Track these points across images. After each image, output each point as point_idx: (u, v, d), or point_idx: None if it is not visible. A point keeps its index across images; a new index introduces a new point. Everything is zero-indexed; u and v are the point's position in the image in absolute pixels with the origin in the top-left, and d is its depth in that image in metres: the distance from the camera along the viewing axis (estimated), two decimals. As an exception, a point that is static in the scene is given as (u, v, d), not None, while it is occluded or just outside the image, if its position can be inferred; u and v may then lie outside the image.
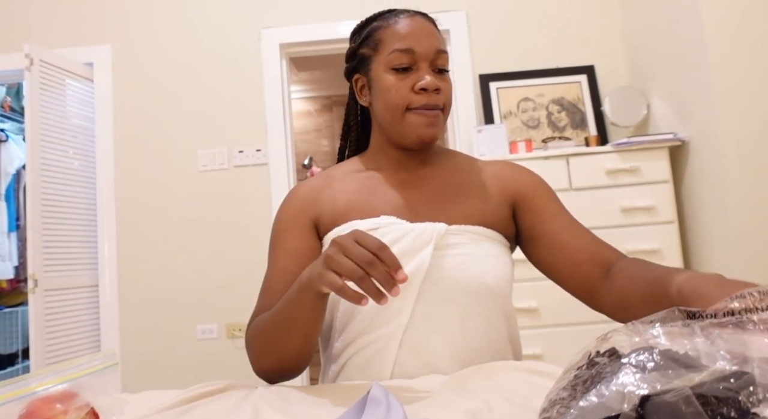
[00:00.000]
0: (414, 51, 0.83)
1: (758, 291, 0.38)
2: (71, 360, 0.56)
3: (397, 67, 0.84)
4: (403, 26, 0.85)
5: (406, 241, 0.79)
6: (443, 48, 0.86)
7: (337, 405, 0.60)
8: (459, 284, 0.79)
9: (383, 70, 0.86)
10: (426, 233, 0.80)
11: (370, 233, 0.76)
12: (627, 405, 0.28)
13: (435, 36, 0.86)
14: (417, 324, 0.78)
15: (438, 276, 0.79)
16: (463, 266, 0.80)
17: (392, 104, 0.85)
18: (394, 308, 0.78)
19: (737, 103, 1.93)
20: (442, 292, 0.79)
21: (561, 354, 2.09)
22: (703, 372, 0.29)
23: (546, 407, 0.36)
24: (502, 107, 2.63)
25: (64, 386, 0.51)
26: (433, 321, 0.78)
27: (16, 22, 2.84)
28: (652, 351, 0.31)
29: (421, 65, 0.84)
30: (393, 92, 0.84)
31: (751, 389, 0.27)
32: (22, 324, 3.75)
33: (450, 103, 0.87)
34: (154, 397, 0.67)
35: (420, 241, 0.79)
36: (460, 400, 0.58)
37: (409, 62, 0.84)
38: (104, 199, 2.73)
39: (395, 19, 0.87)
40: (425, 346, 0.77)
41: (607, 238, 2.13)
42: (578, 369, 0.36)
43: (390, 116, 0.86)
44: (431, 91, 0.83)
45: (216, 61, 2.78)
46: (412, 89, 0.84)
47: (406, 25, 0.86)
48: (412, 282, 0.77)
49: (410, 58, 0.84)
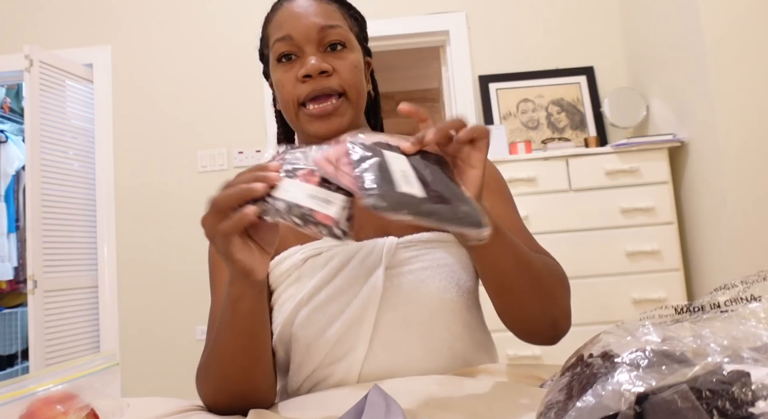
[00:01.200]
0: (291, 36, 0.73)
1: (741, 282, 0.38)
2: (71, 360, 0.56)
3: (280, 58, 0.74)
4: (282, 13, 0.76)
5: (354, 264, 0.70)
6: (331, 22, 0.73)
7: (340, 411, 0.60)
8: (420, 305, 0.71)
9: (273, 66, 0.76)
10: (375, 252, 0.71)
11: (314, 259, 0.71)
12: (624, 404, 0.28)
13: (318, 13, 0.74)
14: (377, 355, 0.70)
15: (396, 300, 0.70)
16: (422, 284, 0.71)
17: (284, 102, 0.75)
18: (350, 342, 0.69)
19: (736, 105, 1.93)
20: (402, 316, 0.70)
21: (561, 355, 2.09)
22: (695, 366, 0.29)
23: (542, 410, 0.37)
24: (502, 108, 2.63)
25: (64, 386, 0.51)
26: (393, 350, 0.70)
27: (16, 23, 2.84)
28: (645, 349, 0.31)
29: (307, 49, 0.73)
30: (281, 88, 0.74)
31: (744, 380, 0.27)
32: (21, 325, 3.75)
33: (353, 83, 0.74)
34: (156, 403, 0.67)
35: (369, 262, 0.70)
36: (460, 400, 0.58)
37: (291, 49, 0.73)
38: (104, 200, 2.73)
39: (278, 8, 0.77)
40: (388, 376, 0.69)
41: (606, 239, 2.16)
42: (572, 371, 0.36)
43: (288, 114, 0.76)
44: (316, 75, 0.71)
45: (216, 62, 2.79)
46: (297, 80, 0.72)
47: (285, 10, 0.75)
48: (367, 312, 0.69)
49: (290, 45, 0.73)
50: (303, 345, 0.71)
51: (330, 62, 0.72)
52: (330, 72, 0.72)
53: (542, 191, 2.19)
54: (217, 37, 2.80)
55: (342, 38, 0.74)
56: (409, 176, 0.50)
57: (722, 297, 0.38)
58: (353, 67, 0.74)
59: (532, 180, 2.20)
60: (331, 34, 0.73)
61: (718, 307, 0.37)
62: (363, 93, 0.77)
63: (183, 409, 0.65)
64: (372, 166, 0.50)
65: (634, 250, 2.13)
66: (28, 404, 0.49)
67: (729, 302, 0.37)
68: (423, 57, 3.71)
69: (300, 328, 0.70)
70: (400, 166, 0.51)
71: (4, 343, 3.78)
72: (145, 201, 2.74)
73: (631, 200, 2.17)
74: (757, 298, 0.37)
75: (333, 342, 0.70)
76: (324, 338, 0.70)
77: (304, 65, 0.71)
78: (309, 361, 0.71)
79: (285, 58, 0.74)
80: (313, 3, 0.75)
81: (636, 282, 2.12)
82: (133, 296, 2.69)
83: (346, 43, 0.75)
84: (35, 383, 0.51)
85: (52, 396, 0.50)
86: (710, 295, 0.39)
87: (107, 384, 0.55)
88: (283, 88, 0.74)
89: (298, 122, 0.75)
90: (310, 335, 0.70)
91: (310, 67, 0.70)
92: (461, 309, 0.74)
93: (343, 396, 0.65)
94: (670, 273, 2.13)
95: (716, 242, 2.03)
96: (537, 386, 0.59)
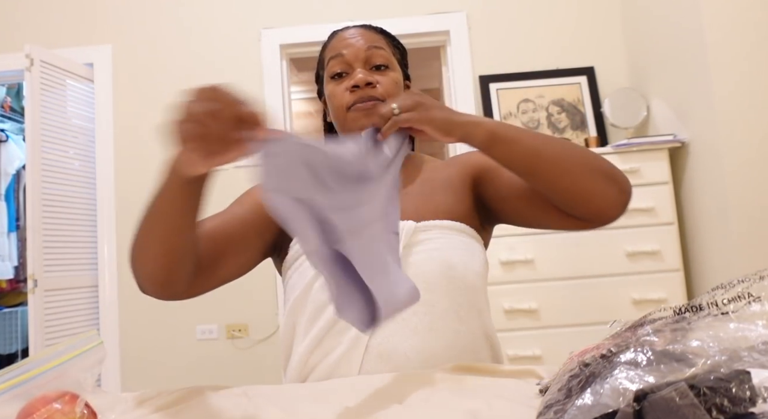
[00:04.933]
0: (343, 54, 0.87)
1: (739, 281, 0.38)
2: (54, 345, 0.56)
3: (333, 75, 0.89)
4: (338, 39, 0.90)
5: None
6: (377, 44, 0.88)
7: (337, 402, 0.60)
8: (427, 280, 0.77)
9: (327, 82, 0.91)
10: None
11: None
12: (623, 402, 0.28)
13: (366, 37, 0.89)
14: (384, 327, 0.75)
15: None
16: (431, 260, 0.79)
17: (335, 109, 0.88)
18: None
19: (737, 105, 1.93)
20: None
21: (561, 355, 2.09)
22: (694, 365, 0.29)
23: (542, 410, 0.37)
24: (502, 108, 2.63)
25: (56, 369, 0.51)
26: (400, 324, 0.76)
27: (16, 22, 2.84)
28: (644, 348, 0.31)
29: (355, 66, 0.87)
30: (333, 98, 0.88)
31: (742, 378, 0.27)
32: (21, 325, 3.75)
33: (393, 94, 0.86)
34: (152, 396, 0.67)
35: None
36: (460, 399, 0.58)
37: (342, 68, 0.88)
38: (104, 199, 2.73)
39: (334, 36, 0.92)
40: (393, 350, 0.75)
41: (606, 239, 2.16)
42: (572, 371, 0.36)
43: (337, 120, 0.89)
44: (363, 86, 0.85)
45: (216, 61, 2.79)
46: (347, 90, 0.86)
47: (340, 36, 0.90)
48: None
49: (342, 63, 0.88)
50: (317, 308, 0.79)
51: (374, 77, 0.86)
52: (374, 84, 0.85)
53: (542, 191, 2.19)
54: (218, 37, 2.80)
55: (385, 60, 0.89)
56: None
57: (721, 297, 0.38)
58: (394, 83, 0.88)
59: (533, 180, 2.20)
60: (376, 55, 0.88)
61: (717, 306, 0.37)
62: None
63: (180, 398, 0.65)
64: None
65: (635, 250, 2.13)
66: (26, 403, 0.49)
67: (727, 302, 0.37)
68: (423, 57, 3.71)
69: (318, 292, 0.79)
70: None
71: (4, 342, 3.78)
72: (145, 200, 2.73)
73: (632, 201, 2.16)
74: (757, 298, 0.37)
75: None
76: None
77: (353, 78, 0.85)
78: (318, 329, 0.78)
79: (337, 76, 0.88)
80: (363, 31, 0.90)
81: (636, 283, 2.12)
82: (133, 296, 2.68)
83: (389, 65, 0.89)
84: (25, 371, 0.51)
85: (49, 395, 0.50)
86: (709, 294, 0.39)
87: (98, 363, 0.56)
88: (335, 97, 0.88)
89: (345, 121, 0.87)
90: (324, 299, 0.78)
91: (359, 78, 0.85)
92: (469, 289, 0.80)
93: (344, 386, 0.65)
94: (671, 274, 2.13)
95: (716, 243, 2.03)
96: (536, 385, 0.59)
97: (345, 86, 0.87)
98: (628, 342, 0.35)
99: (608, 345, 0.37)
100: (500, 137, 0.71)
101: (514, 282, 2.11)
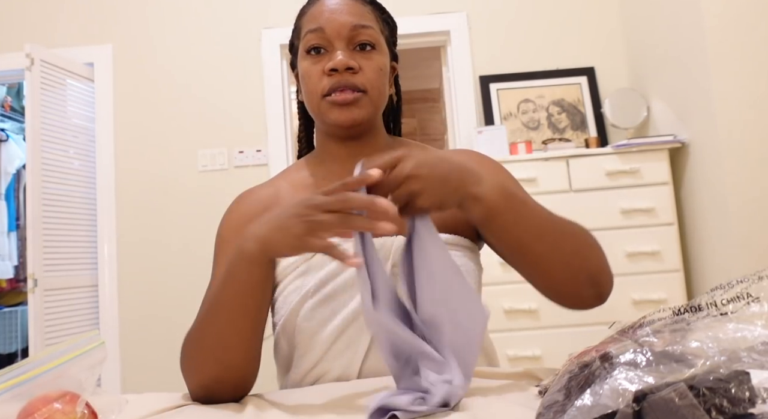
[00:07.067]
0: (324, 29, 0.75)
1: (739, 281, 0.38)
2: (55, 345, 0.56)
3: (310, 50, 0.76)
4: (318, 6, 0.78)
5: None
6: (363, 22, 0.76)
7: (343, 406, 0.60)
8: None
9: (302, 57, 0.78)
10: (384, 249, 0.72)
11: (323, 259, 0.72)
12: (622, 402, 0.28)
13: (352, 11, 0.76)
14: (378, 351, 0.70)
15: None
16: None
17: (309, 92, 0.77)
18: (351, 336, 0.71)
19: (737, 106, 1.93)
20: None
21: (560, 355, 2.09)
22: (693, 366, 0.29)
23: (541, 411, 0.37)
24: (503, 109, 2.63)
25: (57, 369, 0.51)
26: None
27: (16, 22, 2.84)
28: (643, 349, 0.31)
29: (336, 44, 0.75)
30: (307, 79, 0.76)
31: (742, 379, 0.27)
32: (21, 324, 3.75)
33: (376, 84, 0.76)
34: (153, 399, 0.67)
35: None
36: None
37: (321, 42, 0.75)
38: (104, 199, 2.73)
39: (315, 1, 0.79)
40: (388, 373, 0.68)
41: (607, 239, 2.14)
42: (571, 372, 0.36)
43: (311, 105, 0.78)
44: (342, 71, 0.73)
45: (216, 61, 2.79)
46: (324, 73, 0.75)
47: (321, 3, 0.78)
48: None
49: (321, 38, 0.75)
50: (306, 337, 0.73)
51: (357, 60, 0.74)
52: (356, 69, 0.74)
53: (542, 191, 2.19)
54: (219, 37, 2.80)
55: (372, 39, 0.76)
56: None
57: (720, 297, 0.38)
58: (378, 69, 0.76)
59: (533, 181, 2.20)
60: (362, 34, 0.75)
61: (716, 307, 0.37)
62: (384, 95, 0.79)
63: (179, 404, 0.65)
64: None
65: (635, 251, 2.13)
66: (27, 403, 0.49)
67: (726, 302, 0.37)
68: (424, 57, 3.71)
69: (304, 320, 0.72)
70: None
71: (4, 342, 3.78)
72: (145, 200, 2.74)
73: (632, 201, 2.17)
74: (756, 299, 0.37)
75: (335, 335, 0.71)
76: (327, 331, 0.71)
77: (332, 59, 0.74)
78: (311, 353, 0.73)
79: (314, 51, 0.76)
80: (349, 1, 0.77)
81: (636, 283, 2.12)
82: (133, 296, 2.69)
83: (375, 45, 0.77)
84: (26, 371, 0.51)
85: (50, 395, 0.50)
86: (708, 295, 0.39)
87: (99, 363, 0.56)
88: (309, 79, 0.76)
89: (320, 111, 0.76)
90: (313, 327, 0.72)
91: (338, 61, 0.73)
92: None
93: (344, 388, 0.65)
94: (671, 274, 2.13)
95: (716, 243, 2.03)
96: (534, 386, 0.59)
97: (322, 67, 0.75)
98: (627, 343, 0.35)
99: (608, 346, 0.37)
100: (498, 220, 0.62)
101: (514, 282, 2.11)
